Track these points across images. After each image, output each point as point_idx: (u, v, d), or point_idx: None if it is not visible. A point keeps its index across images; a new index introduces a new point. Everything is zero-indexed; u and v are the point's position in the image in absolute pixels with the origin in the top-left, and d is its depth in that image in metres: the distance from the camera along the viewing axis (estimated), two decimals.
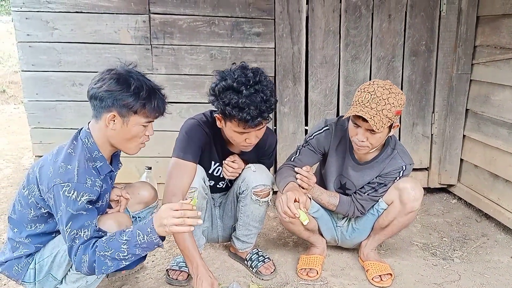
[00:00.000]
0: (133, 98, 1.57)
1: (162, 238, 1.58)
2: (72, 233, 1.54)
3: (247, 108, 1.75)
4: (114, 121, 1.60)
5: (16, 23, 2.78)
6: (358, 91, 1.93)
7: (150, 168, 2.48)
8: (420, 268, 2.33)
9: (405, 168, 2.10)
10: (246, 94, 1.76)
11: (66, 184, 1.52)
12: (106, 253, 1.54)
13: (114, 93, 1.56)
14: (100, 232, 1.61)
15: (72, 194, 1.52)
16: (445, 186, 3.33)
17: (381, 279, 2.15)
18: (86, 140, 1.64)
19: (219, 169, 2.12)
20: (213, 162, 2.10)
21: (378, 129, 1.84)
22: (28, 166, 3.82)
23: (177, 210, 1.51)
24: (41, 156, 2.84)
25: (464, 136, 3.17)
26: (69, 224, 1.53)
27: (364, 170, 2.14)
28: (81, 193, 1.53)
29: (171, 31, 2.86)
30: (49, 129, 2.95)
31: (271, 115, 1.88)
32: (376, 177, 2.13)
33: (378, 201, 2.17)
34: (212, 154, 2.08)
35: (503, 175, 2.75)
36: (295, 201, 1.83)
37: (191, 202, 1.57)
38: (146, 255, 1.69)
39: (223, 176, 2.12)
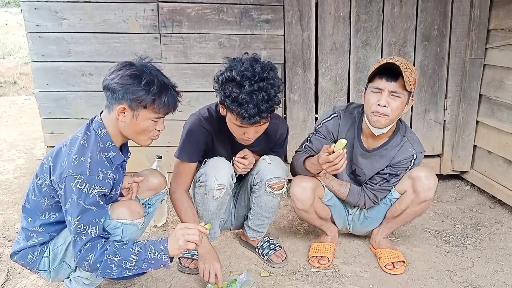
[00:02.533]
0: (143, 93, 1.58)
1: (171, 259, 1.62)
2: (79, 227, 1.56)
3: (245, 105, 1.71)
4: (124, 113, 1.61)
5: (25, 13, 2.78)
6: (377, 63, 1.91)
7: (160, 157, 2.48)
8: (433, 255, 2.31)
9: (416, 157, 2.07)
10: (247, 90, 1.70)
11: (78, 176, 1.54)
12: (114, 258, 1.56)
13: (126, 86, 1.57)
14: (106, 233, 1.64)
15: (84, 186, 1.54)
16: (458, 173, 3.29)
17: (394, 267, 2.14)
18: (99, 131, 1.66)
19: None
20: (218, 157, 2.07)
21: (409, 83, 1.83)
22: (40, 156, 3.86)
23: (192, 229, 1.61)
24: (53, 146, 2.87)
25: (477, 122, 3.12)
26: (78, 217, 1.55)
27: (373, 157, 2.11)
28: (93, 186, 1.55)
29: (180, 19, 2.84)
30: (60, 119, 2.97)
31: (270, 115, 1.83)
32: (387, 167, 2.11)
33: (390, 190, 2.16)
34: (216, 150, 2.06)
35: None
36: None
37: (206, 226, 1.67)
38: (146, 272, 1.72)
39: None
